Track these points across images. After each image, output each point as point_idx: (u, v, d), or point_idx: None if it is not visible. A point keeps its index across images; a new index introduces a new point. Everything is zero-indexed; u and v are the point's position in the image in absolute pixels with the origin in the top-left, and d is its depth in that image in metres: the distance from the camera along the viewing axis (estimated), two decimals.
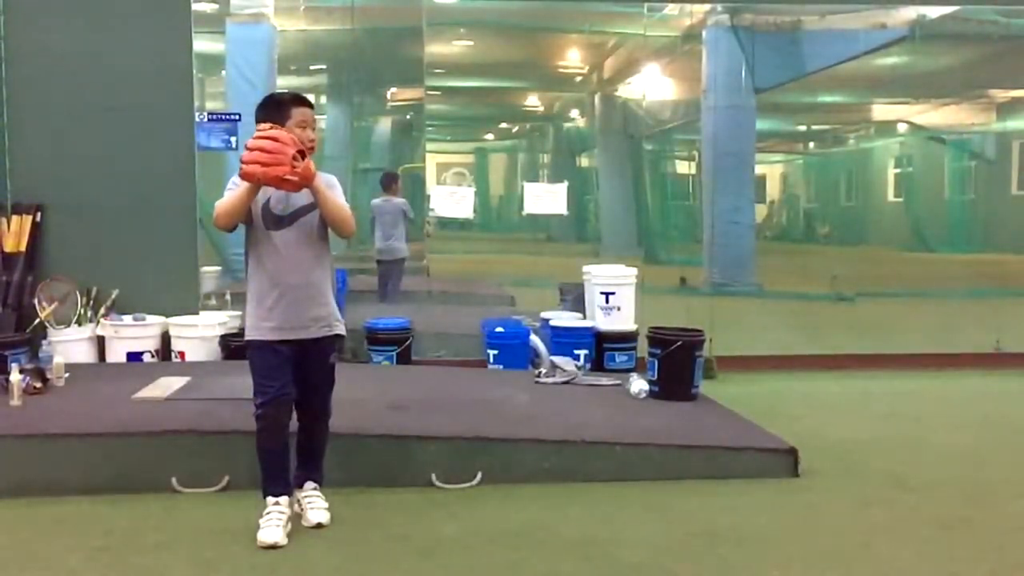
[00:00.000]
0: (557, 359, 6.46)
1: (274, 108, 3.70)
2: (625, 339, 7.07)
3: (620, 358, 7.01)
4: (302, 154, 3.51)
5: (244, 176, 3.50)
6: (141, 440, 4.47)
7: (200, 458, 4.43)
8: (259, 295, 3.77)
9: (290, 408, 3.81)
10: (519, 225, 8.65)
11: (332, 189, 3.75)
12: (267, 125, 3.58)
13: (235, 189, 3.64)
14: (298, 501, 3.97)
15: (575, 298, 7.63)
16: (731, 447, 4.75)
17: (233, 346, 6.53)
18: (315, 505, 3.96)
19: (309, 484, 4.00)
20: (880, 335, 8.04)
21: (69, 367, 5.73)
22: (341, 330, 3.90)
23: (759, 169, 9.04)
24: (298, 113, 3.69)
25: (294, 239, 3.71)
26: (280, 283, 3.71)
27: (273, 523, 3.75)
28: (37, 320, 6.61)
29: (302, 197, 3.69)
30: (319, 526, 3.89)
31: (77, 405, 5.05)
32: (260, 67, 7.75)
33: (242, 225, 3.77)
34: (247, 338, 3.83)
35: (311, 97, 3.97)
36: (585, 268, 7.53)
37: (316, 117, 3.83)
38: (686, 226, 9.12)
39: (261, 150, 3.45)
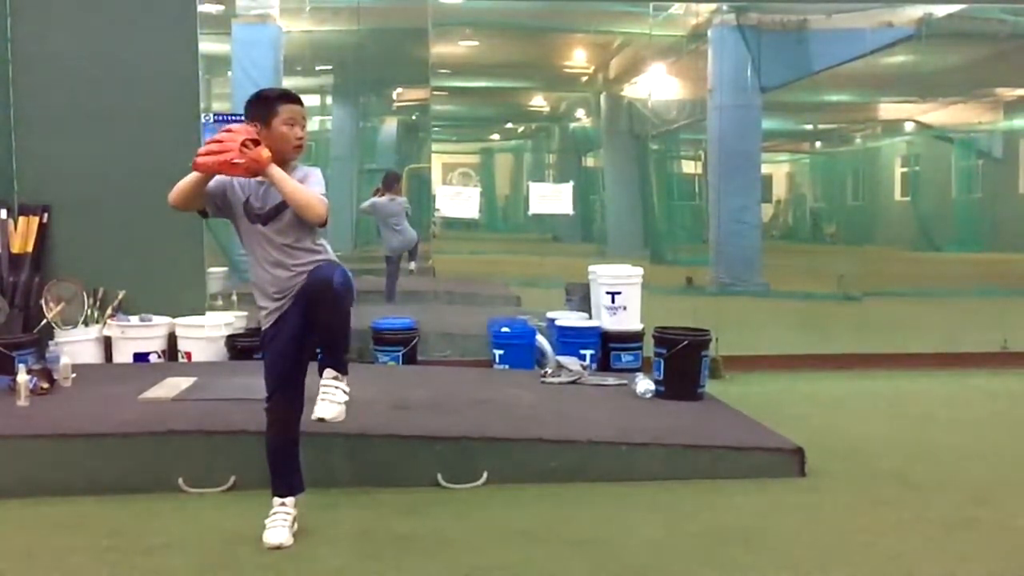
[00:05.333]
0: (563, 359, 6.45)
1: (262, 105, 3.69)
2: (631, 339, 7.06)
3: (626, 358, 7.01)
4: (255, 142, 3.55)
5: (194, 167, 3.57)
6: (148, 440, 4.48)
7: (206, 458, 4.44)
8: (258, 286, 3.81)
9: (295, 398, 3.78)
10: (525, 225, 8.66)
11: (306, 180, 3.70)
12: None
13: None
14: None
15: (581, 298, 7.62)
16: (737, 447, 4.74)
17: (240, 346, 6.55)
18: (327, 397, 3.65)
19: (328, 372, 3.69)
20: (887, 335, 8.02)
21: (76, 368, 5.74)
22: (332, 258, 3.78)
23: (765, 168, 9.03)
24: (285, 110, 3.68)
25: (276, 231, 3.71)
26: (271, 274, 3.73)
27: (279, 524, 3.75)
28: (44, 321, 6.63)
29: (279, 193, 3.70)
30: (320, 420, 3.61)
31: (84, 406, 5.06)
32: (266, 68, 7.77)
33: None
34: (263, 328, 3.83)
35: (316, 98, 3.96)
36: (591, 268, 7.52)
37: (321, 118, 3.82)
38: (692, 226, 9.12)
39: (215, 141, 3.54)
